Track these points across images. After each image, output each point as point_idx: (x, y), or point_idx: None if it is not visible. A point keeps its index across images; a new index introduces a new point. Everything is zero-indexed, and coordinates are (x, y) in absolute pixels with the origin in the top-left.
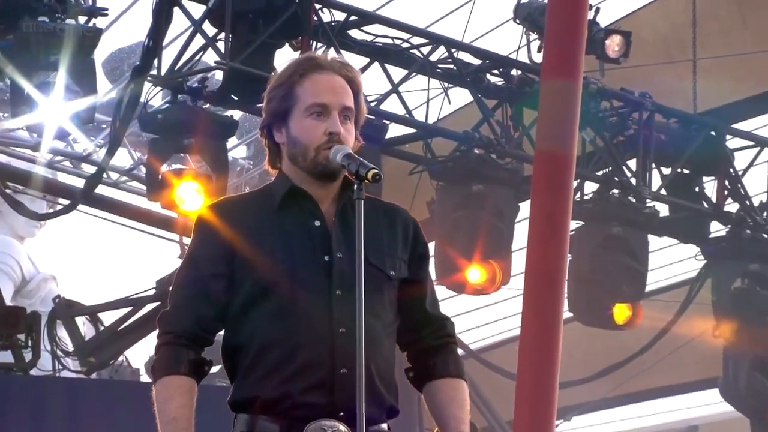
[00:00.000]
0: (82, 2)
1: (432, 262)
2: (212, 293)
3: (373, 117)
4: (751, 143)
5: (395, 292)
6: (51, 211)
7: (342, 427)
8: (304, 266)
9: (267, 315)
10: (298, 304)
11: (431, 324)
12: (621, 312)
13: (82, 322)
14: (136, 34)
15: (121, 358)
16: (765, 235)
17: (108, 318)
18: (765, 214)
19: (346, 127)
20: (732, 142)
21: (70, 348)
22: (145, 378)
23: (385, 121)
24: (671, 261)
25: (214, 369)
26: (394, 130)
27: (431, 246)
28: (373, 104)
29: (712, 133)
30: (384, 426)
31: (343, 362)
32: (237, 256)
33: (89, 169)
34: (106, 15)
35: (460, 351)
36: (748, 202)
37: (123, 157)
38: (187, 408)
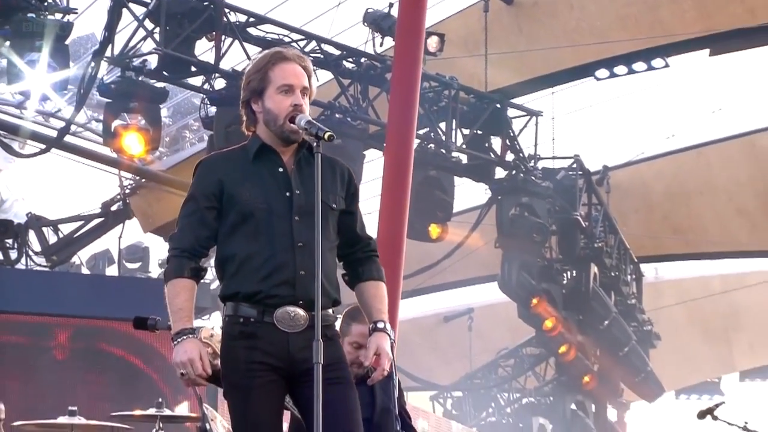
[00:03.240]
0: (59, 3)
1: None
2: (207, 220)
3: None
4: (523, 113)
5: (336, 219)
6: (24, 152)
7: (301, 311)
8: (272, 200)
9: (246, 235)
10: (269, 226)
11: (360, 242)
12: (434, 230)
13: (47, 231)
14: (92, 26)
15: (74, 257)
16: (533, 178)
17: (66, 228)
18: (532, 162)
19: (304, 101)
20: (511, 112)
21: (38, 249)
22: (86, 271)
23: None
24: (468, 194)
25: None
26: None
27: None
28: None
29: (498, 105)
30: (330, 311)
31: (302, 267)
32: (224, 194)
33: (55, 123)
34: (76, 13)
35: None
36: (521, 155)
37: (79, 114)
38: (189, 301)
